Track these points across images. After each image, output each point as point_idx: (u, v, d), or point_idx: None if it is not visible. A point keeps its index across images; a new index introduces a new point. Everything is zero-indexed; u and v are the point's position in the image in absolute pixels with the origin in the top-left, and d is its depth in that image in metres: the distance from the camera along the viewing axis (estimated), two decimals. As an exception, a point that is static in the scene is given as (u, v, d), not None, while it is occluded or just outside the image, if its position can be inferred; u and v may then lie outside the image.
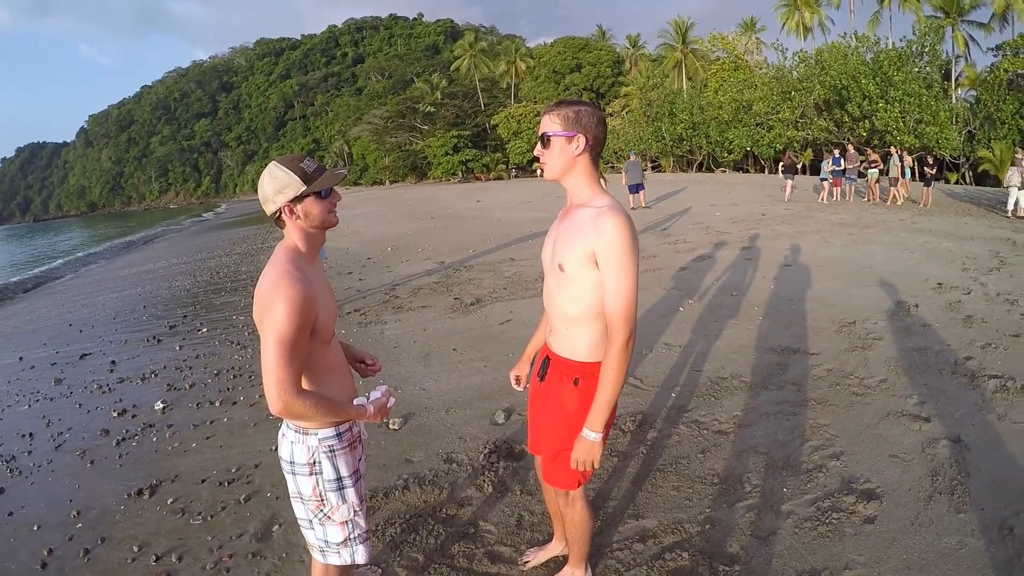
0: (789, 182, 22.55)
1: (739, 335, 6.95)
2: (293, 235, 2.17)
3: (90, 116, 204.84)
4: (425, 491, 4.01)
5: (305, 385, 2.09)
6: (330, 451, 2.17)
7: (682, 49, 60.32)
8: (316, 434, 2.15)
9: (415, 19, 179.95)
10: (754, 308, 7.99)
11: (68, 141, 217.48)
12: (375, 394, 2.28)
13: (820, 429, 4.63)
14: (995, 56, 39.95)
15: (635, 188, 20.34)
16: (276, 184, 2.10)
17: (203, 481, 4.48)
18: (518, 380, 2.93)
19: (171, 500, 4.22)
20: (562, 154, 2.28)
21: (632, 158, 21.45)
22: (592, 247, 2.19)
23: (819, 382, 5.52)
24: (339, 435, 2.20)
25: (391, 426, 5.21)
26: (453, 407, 5.39)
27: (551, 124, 2.28)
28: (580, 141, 2.26)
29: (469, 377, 6.15)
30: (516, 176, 66.77)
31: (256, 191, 2.21)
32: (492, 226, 19.18)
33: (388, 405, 2.31)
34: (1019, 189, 17.32)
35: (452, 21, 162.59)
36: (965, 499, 3.70)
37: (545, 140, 2.30)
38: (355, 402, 2.21)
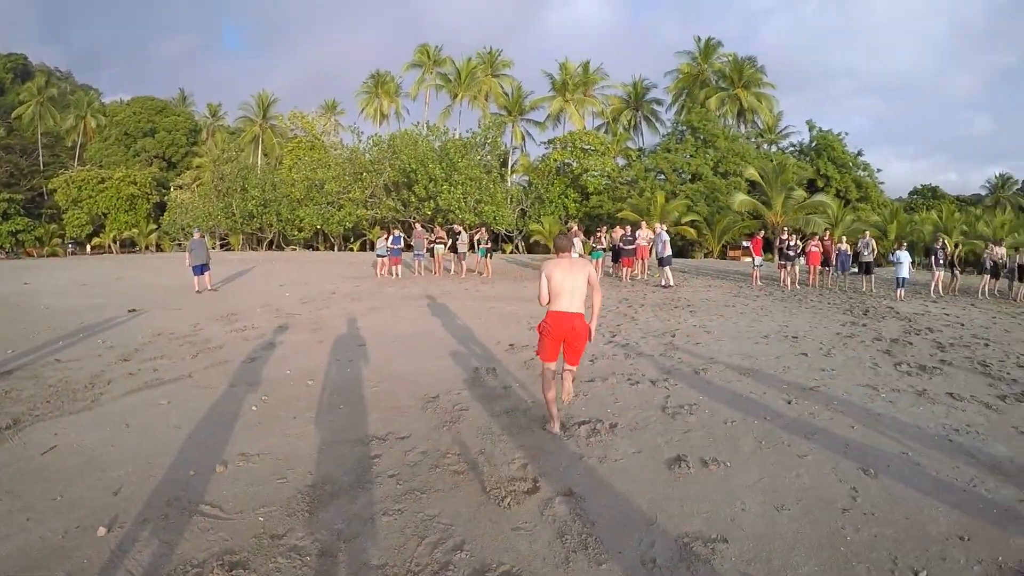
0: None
1: (322, 430, 6.54)
2: None
3: None
4: None
5: None
6: None
7: (261, 124, 64.27)
8: None
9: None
10: (334, 396, 7.72)
11: None
12: None
13: (432, 521, 4.46)
14: (547, 148, 55.32)
15: (200, 269, 18.98)
16: None
17: None
18: None
19: None
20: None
21: (197, 236, 20.04)
22: (588, 273, 5.96)
23: (417, 468, 5.42)
24: None
25: None
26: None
27: None
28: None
29: (7, 540, 4.43)
30: (73, 252, 57.71)
31: None
32: (40, 316, 15.64)
33: None
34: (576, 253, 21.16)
35: (26, 58, 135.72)
36: (600, 549, 3.90)
37: None
38: None
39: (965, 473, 5.26)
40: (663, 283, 19.54)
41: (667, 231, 21.99)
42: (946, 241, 25.57)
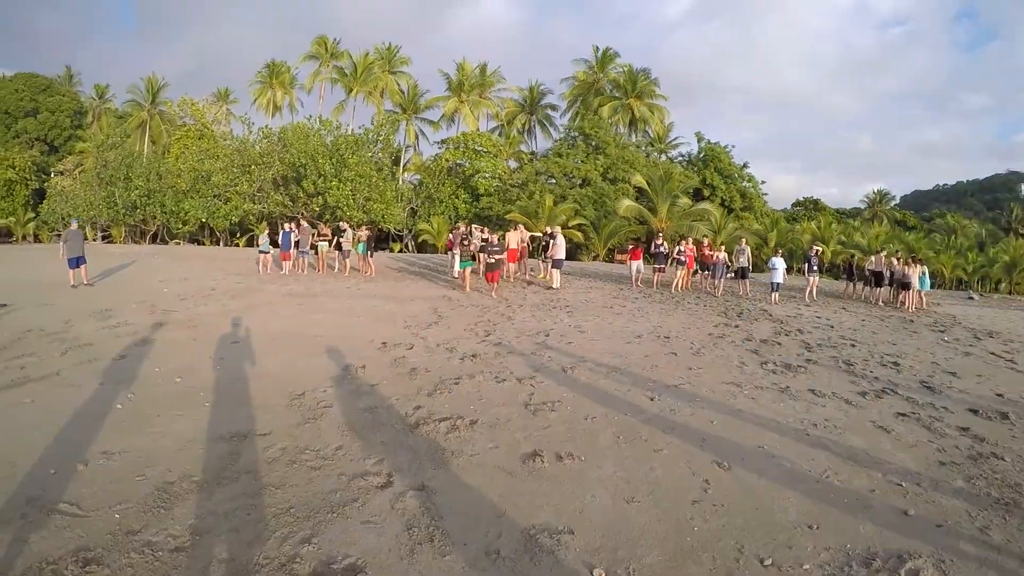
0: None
1: (186, 427, 6.36)
2: None
3: None
4: None
5: None
6: None
7: (150, 109, 61.16)
8: None
9: None
10: (200, 393, 7.51)
11: None
12: None
13: (284, 515, 4.46)
14: (440, 148, 55.65)
15: (76, 262, 17.75)
16: None
17: None
18: None
19: None
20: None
21: (74, 227, 18.81)
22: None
23: (275, 464, 5.39)
24: None
25: None
26: None
27: None
28: None
29: None
30: None
31: None
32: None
33: None
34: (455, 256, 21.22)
35: None
36: (446, 541, 4.01)
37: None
38: None
39: (820, 464, 5.61)
40: (553, 284, 19.82)
41: (555, 234, 22.24)
42: (820, 250, 27.09)
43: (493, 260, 17.86)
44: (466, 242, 19.22)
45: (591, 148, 49.64)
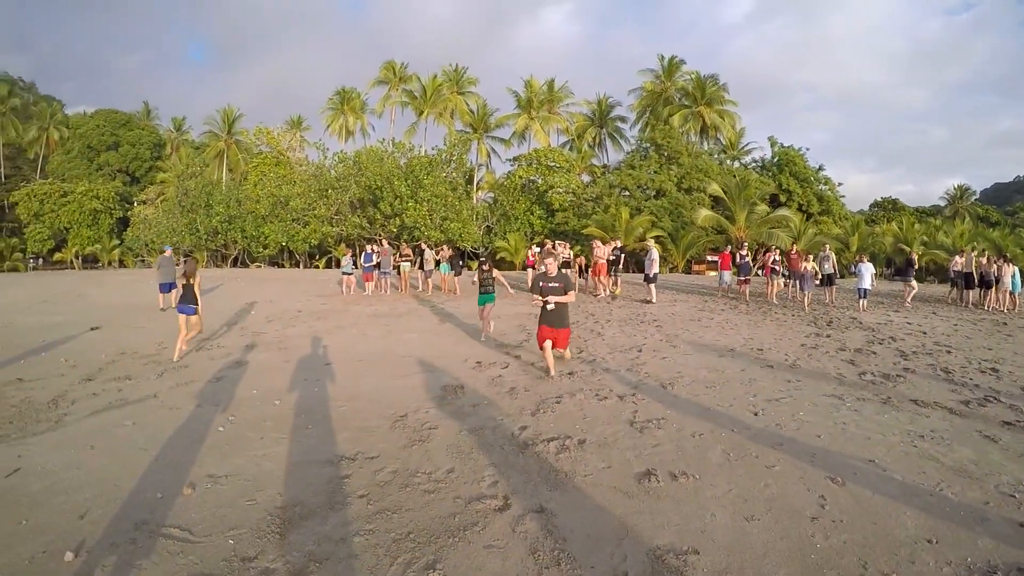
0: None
1: (290, 450, 6.49)
2: None
3: None
4: None
5: None
6: None
7: (226, 139, 64.31)
8: None
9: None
10: (301, 416, 7.66)
11: None
12: None
13: (404, 540, 4.44)
14: (512, 165, 56.23)
15: (167, 287, 18.67)
16: None
17: None
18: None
19: None
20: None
21: (167, 253, 19.82)
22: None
23: (387, 487, 5.40)
24: None
25: None
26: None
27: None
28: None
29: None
30: (35, 268, 56.21)
31: None
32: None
33: None
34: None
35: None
36: (573, 564, 3.94)
37: None
38: None
39: (931, 477, 5.41)
40: (647, 298, 19.64)
41: (626, 248, 21.91)
42: (915, 255, 26.08)
43: (550, 305, 9.45)
44: (487, 267, 13.42)
45: (664, 158, 49.05)
